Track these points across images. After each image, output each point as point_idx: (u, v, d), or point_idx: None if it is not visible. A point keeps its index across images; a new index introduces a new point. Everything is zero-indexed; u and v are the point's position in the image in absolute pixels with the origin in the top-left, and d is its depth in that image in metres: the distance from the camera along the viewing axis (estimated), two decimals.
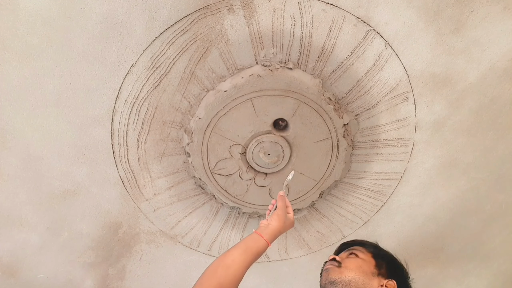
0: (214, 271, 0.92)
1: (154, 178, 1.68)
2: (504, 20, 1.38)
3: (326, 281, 0.98)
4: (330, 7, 1.35)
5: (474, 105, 1.58)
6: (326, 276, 0.99)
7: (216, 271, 0.92)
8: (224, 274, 0.91)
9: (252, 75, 1.45)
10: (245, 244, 1.00)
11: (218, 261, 0.95)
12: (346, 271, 0.99)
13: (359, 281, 0.96)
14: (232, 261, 0.94)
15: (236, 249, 0.98)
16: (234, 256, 0.96)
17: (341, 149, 1.59)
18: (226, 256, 0.96)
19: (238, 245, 1.01)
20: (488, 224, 1.96)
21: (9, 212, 1.68)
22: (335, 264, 1.03)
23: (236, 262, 0.94)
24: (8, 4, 1.24)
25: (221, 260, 0.95)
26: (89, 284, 1.94)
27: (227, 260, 0.95)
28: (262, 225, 1.10)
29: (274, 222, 1.10)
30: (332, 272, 1.00)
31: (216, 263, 0.95)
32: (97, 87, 1.45)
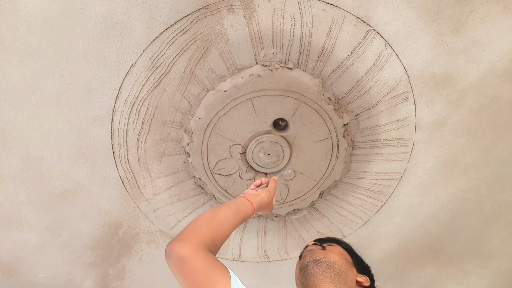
0: (209, 223, 0.92)
1: (154, 178, 1.68)
2: (504, 20, 1.38)
3: (310, 259, 0.97)
4: (330, 7, 1.35)
5: (474, 105, 1.58)
6: (311, 255, 0.98)
7: (211, 224, 0.92)
8: (218, 228, 0.92)
9: (252, 75, 1.45)
10: (236, 206, 1.02)
11: (211, 214, 0.96)
12: (330, 253, 0.99)
13: (342, 265, 0.96)
14: (225, 218, 0.96)
15: (228, 208, 1.00)
16: (227, 214, 0.97)
17: (341, 149, 1.59)
18: (219, 212, 0.97)
19: (229, 204, 1.02)
20: (488, 224, 1.96)
21: (9, 212, 1.68)
22: (318, 247, 1.03)
23: (228, 220, 0.96)
24: (8, 4, 1.25)
25: (214, 214, 0.96)
26: (89, 284, 1.94)
27: (221, 216, 0.95)
28: (250, 193, 1.11)
29: (264, 194, 1.12)
30: (318, 252, 0.99)
31: (210, 216, 0.95)
32: (97, 87, 1.45)
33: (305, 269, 0.96)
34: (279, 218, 1.85)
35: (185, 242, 0.85)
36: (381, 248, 2.00)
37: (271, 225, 1.87)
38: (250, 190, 1.14)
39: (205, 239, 0.88)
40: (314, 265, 0.95)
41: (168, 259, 0.84)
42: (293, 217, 1.85)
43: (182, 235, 0.88)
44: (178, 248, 0.84)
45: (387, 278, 2.12)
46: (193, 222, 0.93)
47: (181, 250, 0.83)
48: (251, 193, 1.11)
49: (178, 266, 0.83)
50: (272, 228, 1.88)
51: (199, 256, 0.84)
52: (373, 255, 2.02)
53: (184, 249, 0.83)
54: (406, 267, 2.09)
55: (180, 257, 0.83)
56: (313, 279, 0.93)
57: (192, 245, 0.85)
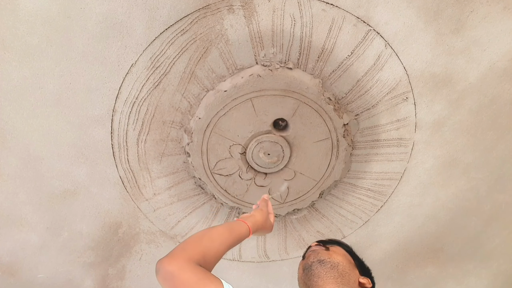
0: (199, 240, 0.93)
1: (154, 178, 1.68)
2: (504, 20, 1.38)
3: (314, 259, 0.97)
4: (330, 7, 1.35)
5: (474, 105, 1.58)
6: (315, 255, 0.98)
7: (201, 240, 0.93)
8: (208, 245, 0.93)
9: (252, 75, 1.45)
10: (230, 225, 1.03)
11: (203, 232, 0.96)
12: (334, 254, 1.00)
13: (346, 266, 0.97)
14: (217, 236, 0.96)
15: (221, 227, 1.00)
16: (220, 232, 0.97)
17: (341, 149, 1.59)
18: (212, 230, 0.98)
19: (223, 225, 1.03)
20: (488, 224, 1.96)
21: (9, 212, 1.68)
22: (322, 247, 1.03)
23: (220, 238, 0.96)
24: (8, 4, 1.25)
25: (206, 232, 0.97)
26: (89, 284, 1.94)
27: (213, 234, 0.96)
28: (244, 215, 1.13)
29: (257, 214, 1.13)
30: (322, 253, 1.00)
31: (201, 233, 0.96)
32: (97, 87, 1.45)
33: (309, 269, 0.96)
34: (279, 218, 1.85)
35: (173, 258, 0.86)
36: (381, 248, 2.00)
37: None
38: (244, 214, 1.16)
39: (194, 254, 0.88)
40: (318, 265, 0.95)
41: (158, 276, 0.85)
42: (293, 217, 1.85)
43: (171, 252, 0.89)
44: (167, 264, 0.84)
45: (387, 278, 2.12)
46: (182, 242, 0.93)
47: (169, 266, 0.84)
48: (245, 216, 1.13)
49: (168, 282, 0.83)
50: None
51: (187, 270, 0.84)
52: (373, 255, 2.02)
53: (172, 264, 0.84)
54: (406, 267, 2.09)
55: (169, 272, 0.83)
56: (316, 279, 0.93)
57: (181, 260, 0.85)
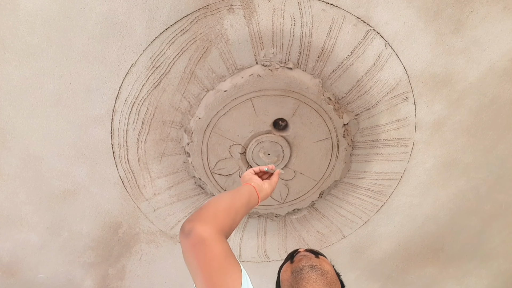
0: (228, 210, 0.92)
1: (154, 178, 1.68)
2: (504, 20, 1.38)
3: (306, 264, 0.97)
4: (330, 7, 1.35)
5: (474, 105, 1.58)
6: (307, 260, 0.99)
7: (230, 211, 0.93)
8: (234, 217, 0.93)
9: (252, 75, 1.45)
10: (248, 197, 1.03)
11: (229, 200, 0.96)
12: (324, 262, 1.01)
13: (333, 276, 0.98)
14: (240, 207, 0.97)
15: (243, 197, 1.01)
16: (242, 203, 0.99)
17: (341, 149, 1.59)
18: (236, 200, 0.98)
19: (243, 193, 1.03)
20: (488, 224, 1.96)
21: (9, 212, 1.68)
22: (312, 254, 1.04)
23: (241, 210, 0.98)
24: (8, 4, 1.25)
25: (232, 201, 0.97)
26: (89, 284, 1.94)
27: (237, 205, 0.97)
28: (258, 184, 1.12)
29: (269, 189, 1.14)
30: (313, 259, 1.01)
31: (228, 202, 0.95)
32: (97, 87, 1.45)
33: (299, 272, 0.96)
34: (279, 218, 1.85)
35: (207, 225, 0.82)
36: (381, 248, 2.00)
37: (271, 225, 1.87)
38: (258, 180, 1.14)
39: (224, 225, 0.87)
40: (310, 270, 0.95)
41: (186, 238, 0.79)
42: (293, 217, 1.85)
43: (203, 216, 0.85)
44: (201, 229, 0.80)
45: (387, 278, 2.12)
46: (212, 205, 0.91)
47: (203, 232, 0.80)
48: (259, 184, 1.12)
49: (197, 248, 0.79)
50: (272, 228, 1.88)
51: (219, 242, 0.81)
52: (373, 255, 2.02)
53: (207, 232, 0.80)
54: (406, 267, 2.09)
55: (201, 238, 0.79)
56: (305, 284, 0.92)
57: (214, 229, 0.82)
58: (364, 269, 2.08)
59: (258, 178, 1.15)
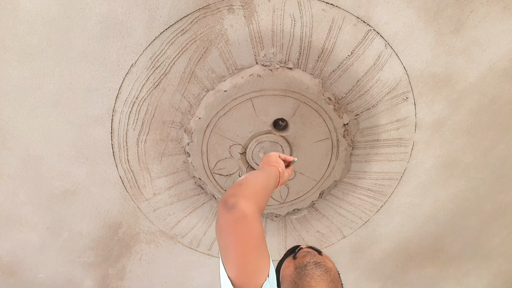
0: (264, 190, 0.93)
1: (154, 178, 1.68)
2: (504, 20, 1.38)
3: (310, 260, 0.97)
4: (330, 7, 1.35)
5: (474, 105, 1.58)
6: (311, 257, 0.99)
7: (265, 191, 0.93)
8: (267, 198, 0.94)
9: (252, 75, 1.45)
10: (275, 180, 1.06)
11: (264, 180, 0.98)
12: (327, 259, 1.01)
13: (336, 274, 0.98)
14: (271, 189, 1.00)
15: (272, 179, 1.04)
16: (272, 186, 1.03)
17: (341, 149, 1.59)
18: (269, 181, 1.01)
19: (271, 175, 1.05)
20: (488, 224, 1.96)
21: (9, 212, 1.68)
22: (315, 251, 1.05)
23: (271, 191, 1.01)
24: (8, 4, 1.24)
25: (266, 182, 0.98)
26: (89, 284, 1.94)
27: (270, 186, 0.99)
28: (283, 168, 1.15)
29: (287, 175, 1.19)
30: (317, 256, 1.01)
31: (264, 182, 0.97)
32: (97, 87, 1.45)
33: (303, 268, 0.95)
34: (279, 218, 1.85)
35: (250, 202, 0.80)
36: (381, 248, 2.00)
37: (271, 225, 1.87)
38: (283, 165, 1.17)
39: (262, 205, 0.86)
40: (314, 266, 0.95)
41: (229, 212, 0.77)
42: (293, 217, 1.85)
43: (246, 192, 0.83)
44: (245, 205, 0.78)
45: (387, 278, 2.12)
46: (251, 183, 0.89)
47: (247, 208, 0.77)
48: (283, 170, 1.15)
49: (238, 223, 0.76)
50: (272, 228, 1.88)
51: (259, 222, 0.80)
52: (373, 255, 2.02)
53: (250, 209, 0.78)
54: (406, 267, 2.09)
55: (245, 214, 0.77)
56: (309, 280, 0.92)
57: (256, 208, 0.81)
58: (364, 269, 2.08)
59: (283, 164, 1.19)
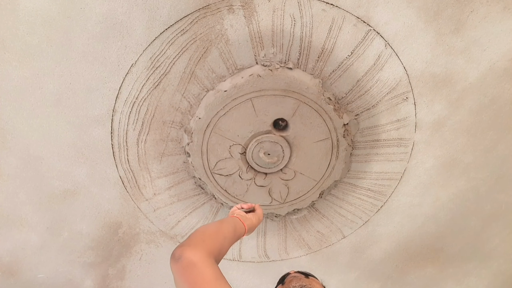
0: (216, 235, 0.93)
1: (154, 178, 1.68)
2: (504, 20, 1.38)
3: (296, 284, 1.02)
4: (330, 7, 1.35)
5: (474, 105, 1.58)
6: (297, 281, 1.04)
7: (217, 236, 0.93)
8: (222, 242, 0.93)
9: (252, 75, 1.45)
10: (234, 225, 1.04)
11: (216, 227, 0.97)
12: (314, 282, 1.06)
13: None
14: (227, 233, 0.98)
15: (229, 225, 1.02)
16: (229, 230, 1.00)
17: (341, 149, 1.59)
18: (223, 227, 0.99)
19: (228, 222, 1.04)
20: (488, 224, 1.96)
21: (9, 212, 1.68)
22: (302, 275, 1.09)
23: (229, 237, 0.98)
24: (8, 4, 1.25)
25: (219, 227, 0.97)
26: (89, 284, 1.94)
27: (224, 231, 0.97)
28: (242, 215, 1.14)
29: (254, 220, 1.16)
30: (304, 279, 1.05)
31: (215, 228, 0.96)
32: (97, 87, 1.45)
33: None
34: (279, 218, 1.85)
35: (197, 249, 0.82)
36: (381, 248, 2.00)
37: (271, 225, 1.87)
38: (241, 212, 1.16)
39: (213, 249, 0.87)
40: None
41: (176, 264, 0.80)
42: (293, 217, 1.85)
43: (192, 241, 0.86)
44: (190, 254, 0.80)
45: (387, 278, 2.12)
46: (199, 232, 0.91)
47: (193, 256, 0.80)
48: (243, 215, 1.13)
49: (187, 272, 0.79)
50: (272, 228, 1.88)
51: (210, 265, 0.81)
52: (373, 255, 2.02)
53: (196, 255, 0.80)
54: (406, 267, 2.09)
55: (191, 262, 0.79)
56: None
57: (204, 253, 0.82)
58: (364, 269, 2.08)
59: (241, 211, 1.17)
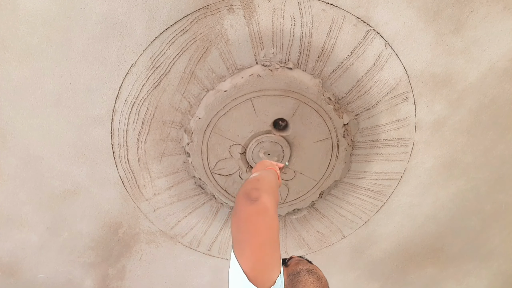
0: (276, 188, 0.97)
1: (154, 178, 1.68)
2: (504, 20, 1.38)
3: (303, 267, 1.01)
4: (330, 7, 1.35)
5: (474, 105, 1.58)
6: (304, 264, 1.03)
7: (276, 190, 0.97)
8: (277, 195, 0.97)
9: (252, 75, 1.45)
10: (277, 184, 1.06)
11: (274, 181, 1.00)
12: (317, 269, 1.05)
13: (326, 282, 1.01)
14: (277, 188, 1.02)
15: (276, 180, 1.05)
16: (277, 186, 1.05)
17: (341, 149, 1.59)
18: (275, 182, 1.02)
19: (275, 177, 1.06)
20: (488, 224, 1.96)
21: (9, 212, 1.68)
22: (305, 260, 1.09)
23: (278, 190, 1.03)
24: (8, 4, 1.25)
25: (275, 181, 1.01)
26: (89, 284, 1.94)
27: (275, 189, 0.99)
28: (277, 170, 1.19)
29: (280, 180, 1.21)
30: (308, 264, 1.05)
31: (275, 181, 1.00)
32: (97, 87, 1.45)
33: (296, 275, 0.98)
34: (279, 218, 1.85)
35: (271, 197, 0.83)
36: (381, 248, 2.00)
37: None
38: (277, 167, 1.21)
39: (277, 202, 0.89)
40: (307, 273, 0.99)
41: (251, 205, 0.79)
42: (293, 217, 1.85)
43: (265, 187, 0.86)
44: (267, 199, 0.80)
45: (387, 278, 2.12)
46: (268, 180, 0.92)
47: (269, 202, 0.80)
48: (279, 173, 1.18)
49: (260, 215, 0.78)
50: None
51: (277, 216, 0.83)
52: (373, 255, 2.02)
53: (271, 203, 0.81)
54: (406, 267, 2.09)
55: (267, 208, 0.79)
56: (302, 286, 0.95)
57: (275, 203, 0.84)
58: (364, 269, 2.08)
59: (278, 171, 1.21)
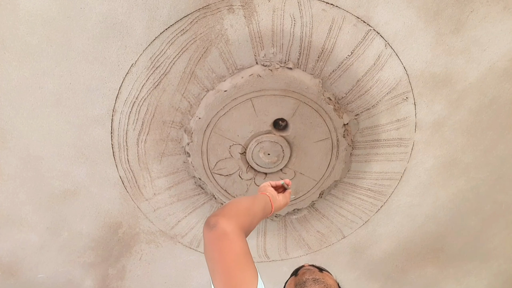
0: (248, 211, 0.95)
1: (154, 178, 1.68)
2: (504, 20, 1.38)
3: (309, 277, 1.01)
4: (330, 7, 1.35)
5: (474, 105, 1.58)
6: (310, 273, 1.03)
7: (249, 212, 0.95)
8: (252, 219, 0.95)
9: (252, 75, 1.45)
10: (264, 204, 1.06)
11: (249, 203, 0.99)
12: (327, 277, 1.05)
13: None
14: (257, 212, 1.00)
15: (259, 203, 1.04)
16: (259, 209, 1.02)
17: (341, 149, 1.59)
18: (255, 204, 1.01)
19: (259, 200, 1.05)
20: (488, 224, 1.96)
21: (9, 212, 1.68)
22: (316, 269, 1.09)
23: (258, 214, 1.00)
24: (8, 4, 1.25)
25: (251, 204, 0.99)
26: (89, 284, 1.94)
27: (255, 209, 0.99)
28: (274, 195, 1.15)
29: (282, 202, 1.17)
30: (317, 273, 1.05)
31: (248, 204, 0.98)
32: (97, 87, 1.45)
33: (302, 285, 0.99)
34: (279, 218, 1.85)
35: (231, 221, 0.84)
36: (381, 248, 2.00)
37: (271, 225, 1.87)
38: (273, 191, 1.16)
39: (244, 225, 0.89)
40: (313, 282, 0.98)
41: (210, 231, 0.81)
42: (293, 217, 1.85)
43: (227, 212, 0.87)
44: (225, 224, 0.82)
45: (387, 278, 2.12)
46: (234, 204, 0.93)
47: (227, 226, 0.82)
48: (274, 195, 1.14)
49: (220, 241, 0.81)
50: (272, 228, 1.88)
51: (241, 239, 0.83)
52: (373, 255, 2.02)
53: (230, 227, 0.82)
54: (406, 267, 2.09)
55: (225, 232, 0.81)
56: None
57: (237, 226, 0.84)
58: (364, 269, 2.08)
59: (274, 190, 1.18)
